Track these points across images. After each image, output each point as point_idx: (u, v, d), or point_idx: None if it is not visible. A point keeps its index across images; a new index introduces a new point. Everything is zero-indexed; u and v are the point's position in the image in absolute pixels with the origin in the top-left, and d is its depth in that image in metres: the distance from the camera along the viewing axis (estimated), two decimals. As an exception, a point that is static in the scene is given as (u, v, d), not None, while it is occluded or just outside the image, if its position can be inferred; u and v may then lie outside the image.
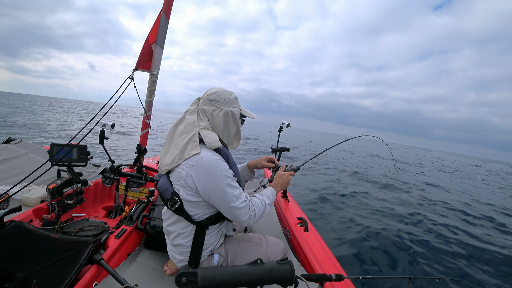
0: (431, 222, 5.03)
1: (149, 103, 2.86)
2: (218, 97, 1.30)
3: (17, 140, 3.24)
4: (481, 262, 3.61)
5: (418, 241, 4.01)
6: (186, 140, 1.20)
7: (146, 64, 2.74)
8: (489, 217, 6.08)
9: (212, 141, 1.20)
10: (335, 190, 6.72)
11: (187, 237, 1.27)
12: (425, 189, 8.94)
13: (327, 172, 9.94)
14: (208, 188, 1.15)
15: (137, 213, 1.83)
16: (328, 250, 1.79)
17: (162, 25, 2.69)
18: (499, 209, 7.28)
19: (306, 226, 2.03)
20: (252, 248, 1.46)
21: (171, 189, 1.24)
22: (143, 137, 2.93)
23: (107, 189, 2.63)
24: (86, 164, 1.97)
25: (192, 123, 1.25)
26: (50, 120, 16.64)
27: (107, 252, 1.41)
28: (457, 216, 5.93)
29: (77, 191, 1.97)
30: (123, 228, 1.65)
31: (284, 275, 0.71)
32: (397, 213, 5.42)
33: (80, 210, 2.18)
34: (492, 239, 4.59)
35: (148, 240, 1.72)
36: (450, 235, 4.52)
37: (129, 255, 1.56)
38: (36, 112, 22.30)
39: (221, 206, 1.19)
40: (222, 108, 1.30)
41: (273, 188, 1.48)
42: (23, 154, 2.96)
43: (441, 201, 7.15)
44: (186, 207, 1.22)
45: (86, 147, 1.96)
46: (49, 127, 13.26)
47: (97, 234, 1.63)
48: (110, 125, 2.13)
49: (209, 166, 1.15)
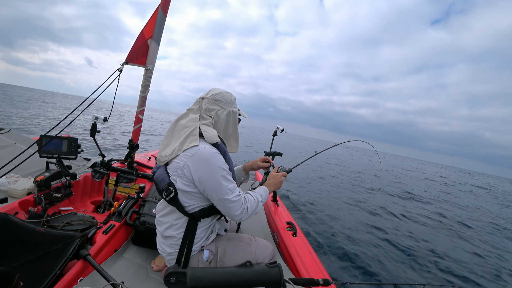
0: (414, 229, 5.12)
1: (143, 98, 2.83)
2: (222, 98, 1.38)
3: (5, 130, 3.17)
4: (464, 267, 3.70)
5: (402, 248, 4.07)
6: (187, 134, 1.25)
7: (141, 59, 2.71)
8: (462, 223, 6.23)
9: (211, 136, 1.26)
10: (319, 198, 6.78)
11: (179, 228, 1.29)
12: (410, 197, 9.10)
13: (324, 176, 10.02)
14: (203, 179, 1.18)
15: (126, 209, 1.81)
16: (315, 255, 1.80)
17: (159, 21, 2.67)
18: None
19: (294, 231, 2.04)
20: (241, 248, 1.47)
21: (167, 179, 1.27)
22: (135, 132, 2.89)
23: (97, 184, 2.59)
24: (76, 157, 1.94)
25: (194, 119, 1.32)
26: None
27: (94, 247, 1.39)
28: (438, 223, 6.06)
29: (66, 184, 1.94)
30: (111, 223, 1.63)
31: (273, 278, 0.72)
32: (381, 220, 5.50)
33: (68, 203, 2.14)
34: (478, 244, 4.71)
35: (136, 236, 1.70)
36: (433, 243, 4.62)
37: (116, 251, 1.54)
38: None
39: (215, 198, 1.21)
40: (226, 108, 1.38)
41: (266, 187, 1.51)
42: (11, 144, 2.89)
43: (426, 210, 7.29)
44: (181, 197, 1.24)
45: (76, 140, 1.92)
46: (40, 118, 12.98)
47: (84, 228, 1.61)
48: (102, 118, 2.10)
49: (206, 157, 1.19)
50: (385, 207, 6.76)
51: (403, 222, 5.75)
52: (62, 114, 17.25)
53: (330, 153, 18.57)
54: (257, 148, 14.52)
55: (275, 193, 2.61)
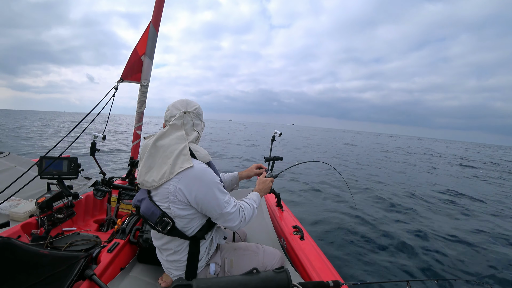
0: (425, 222, 5.06)
1: (140, 114, 2.85)
2: (201, 111, 1.36)
3: (5, 153, 3.17)
4: (480, 259, 3.64)
5: (415, 243, 4.02)
6: (176, 154, 1.15)
7: (135, 75, 2.75)
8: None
9: (203, 155, 1.21)
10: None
11: (183, 252, 1.26)
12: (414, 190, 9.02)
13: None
14: (199, 197, 1.14)
15: (129, 226, 1.79)
16: (324, 257, 1.78)
17: (151, 37, 2.72)
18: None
19: (301, 235, 2.02)
20: (248, 257, 1.46)
21: (157, 211, 1.17)
22: (134, 148, 2.90)
23: (99, 202, 2.58)
24: (76, 177, 1.93)
25: (180, 136, 1.22)
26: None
27: (99, 267, 1.38)
28: (451, 212, 5.99)
29: (68, 204, 1.93)
30: (116, 241, 1.61)
31: (280, 283, 0.70)
32: (392, 216, 5.45)
33: (71, 224, 2.12)
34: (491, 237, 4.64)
35: (142, 253, 1.68)
36: (445, 235, 4.56)
37: (122, 270, 1.52)
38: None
39: (214, 214, 1.19)
40: (203, 121, 1.39)
41: (258, 193, 1.51)
42: (11, 168, 2.89)
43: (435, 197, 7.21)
44: (178, 224, 1.18)
45: (76, 159, 1.92)
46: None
47: (88, 248, 1.60)
48: (102, 136, 2.11)
49: (198, 175, 1.14)
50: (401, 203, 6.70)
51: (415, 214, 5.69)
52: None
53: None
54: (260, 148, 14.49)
55: (278, 198, 2.60)
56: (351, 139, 38.43)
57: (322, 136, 35.27)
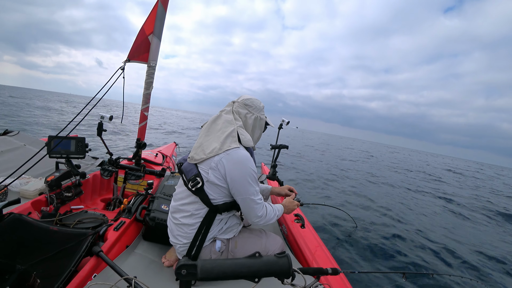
0: (423, 216, 5.09)
1: (147, 95, 2.84)
2: (252, 103, 1.48)
3: (15, 132, 3.22)
4: (475, 257, 3.68)
5: (411, 236, 4.06)
6: (226, 134, 1.32)
7: (143, 55, 2.68)
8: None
9: (247, 139, 1.37)
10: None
11: (198, 218, 1.34)
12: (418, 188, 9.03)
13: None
14: (235, 177, 1.26)
15: (135, 205, 1.84)
16: (323, 245, 1.82)
17: (159, 16, 2.63)
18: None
19: (302, 223, 2.05)
20: (252, 240, 1.52)
21: (195, 170, 1.32)
22: (141, 129, 2.92)
23: (106, 182, 2.63)
24: (84, 157, 1.97)
25: (229, 120, 1.39)
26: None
27: (106, 244, 1.42)
28: (448, 210, 6.00)
29: (76, 183, 1.97)
30: (122, 220, 1.66)
31: (282, 268, 0.72)
32: (389, 209, 5.48)
33: (79, 202, 2.18)
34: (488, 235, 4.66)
35: (147, 232, 1.73)
36: (442, 231, 4.59)
37: (128, 247, 1.58)
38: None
39: (241, 196, 1.29)
40: (254, 113, 1.49)
41: (282, 206, 1.59)
42: (21, 146, 2.95)
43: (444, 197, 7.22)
44: (207, 189, 1.30)
45: (84, 139, 1.95)
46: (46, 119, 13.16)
47: (96, 226, 1.64)
48: (108, 117, 2.12)
49: (241, 159, 1.28)
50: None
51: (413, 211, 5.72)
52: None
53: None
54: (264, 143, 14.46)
55: (282, 185, 2.62)
56: (365, 149, 35.48)
57: (334, 144, 33.55)
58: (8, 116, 11.84)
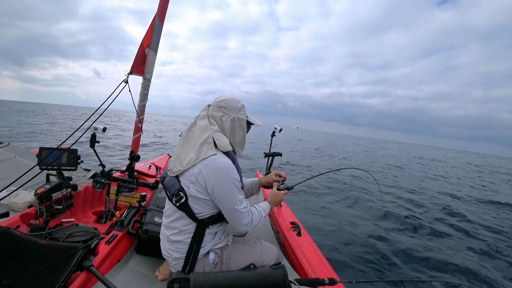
0: (425, 223, 5.08)
1: (142, 107, 2.83)
2: (227, 104, 1.39)
3: (5, 144, 3.17)
4: (476, 264, 3.66)
5: (408, 244, 4.04)
6: (201, 142, 1.27)
7: (140, 68, 2.73)
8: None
9: (224, 144, 1.30)
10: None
11: (187, 234, 1.30)
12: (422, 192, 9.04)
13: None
14: (216, 187, 1.22)
15: (128, 218, 1.80)
16: (320, 254, 1.79)
17: (156, 30, 2.69)
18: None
19: (299, 231, 2.03)
20: (246, 250, 1.48)
21: (177, 185, 1.29)
22: (135, 141, 2.89)
23: (98, 194, 2.59)
24: (76, 168, 1.93)
25: (204, 127, 1.33)
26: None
27: (97, 258, 1.39)
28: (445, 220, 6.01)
29: (67, 195, 1.93)
30: (114, 233, 1.62)
31: (277, 280, 0.71)
32: (387, 216, 5.47)
33: (70, 215, 2.13)
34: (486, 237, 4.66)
35: (140, 245, 1.69)
36: (443, 237, 4.58)
37: (120, 261, 1.53)
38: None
39: (225, 207, 1.25)
40: (230, 115, 1.39)
41: (268, 204, 1.55)
42: (10, 158, 2.89)
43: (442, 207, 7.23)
44: (191, 203, 1.26)
45: (76, 151, 1.92)
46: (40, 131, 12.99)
47: (87, 239, 1.60)
48: (102, 128, 2.10)
49: (221, 168, 1.23)
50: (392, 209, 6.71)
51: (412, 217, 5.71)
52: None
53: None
54: (261, 145, 14.25)
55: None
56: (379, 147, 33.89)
57: (342, 142, 32.48)
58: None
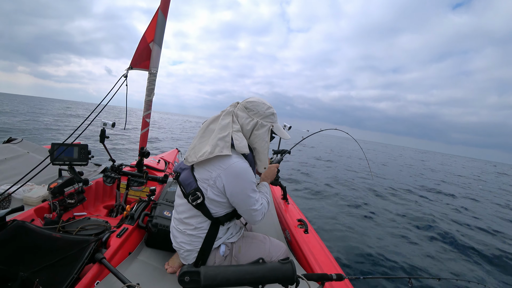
0: (430, 221, 5.03)
1: (149, 102, 2.85)
2: (253, 107, 1.34)
3: (18, 140, 3.24)
4: (484, 261, 3.62)
5: (419, 241, 4.01)
6: (219, 137, 1.24)
7: (144, 63, 2.73)
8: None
9: (242, 146, 1.25)
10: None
11: (202, 230, 1.33)
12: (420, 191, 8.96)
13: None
14: (235, 192, 1.23)
15: (138, 212, 1.84)
16: (327, 251, 1.79)
17: (159, 24, 2.67)
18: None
19: (306, 228, 2.04)
20: (256, 245, 1.50)
21: (194, 184, 1.28)
22: (143, 136, 2.92)
23: (108, 188, 2.63)
24: (87, 163, 1.97)
25: (225, 124, 1.29)
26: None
27: (108, 251, 1.42)
28: (458, 216, 5.93)
29: (78, 190, 1.97)
30: (124, 227, 1.65)
31: (286, 274, 0.72)
32: (394, 213, 5.43)
33: (82, 209, 2.18)
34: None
35: (150, 238, 1.72)
36: (451, 234, 4.53)
37: (131, 254, 1.57)
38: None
39: (242, 208, 1.29)
40: (253, 118, 1.34)
41: (266, 182, 1.57)
42: (24, 154, 2.96)
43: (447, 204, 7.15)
44: (208, 204, 1.27)
45: (86, 146, 1.96)
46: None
47: (98, 233, 1.64)
48: (111, 124, 2.13)
49: (239, 173, 1.22)
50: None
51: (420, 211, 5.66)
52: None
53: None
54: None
55: (284, 191, 2.61)
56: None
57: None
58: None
